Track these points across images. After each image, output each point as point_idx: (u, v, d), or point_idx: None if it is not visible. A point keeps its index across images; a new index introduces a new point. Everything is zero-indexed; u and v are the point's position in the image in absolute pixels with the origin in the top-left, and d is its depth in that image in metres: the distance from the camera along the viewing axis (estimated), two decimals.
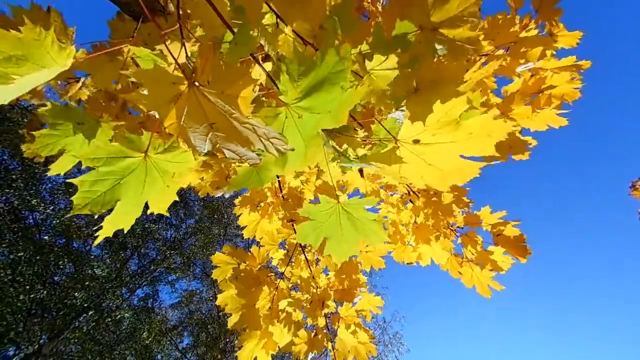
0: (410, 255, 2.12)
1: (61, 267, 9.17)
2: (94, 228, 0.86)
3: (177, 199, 0.83)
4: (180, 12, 0.97)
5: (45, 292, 8.63)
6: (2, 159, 8.27)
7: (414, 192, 2.23)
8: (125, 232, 0.82)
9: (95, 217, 0.79)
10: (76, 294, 9.28)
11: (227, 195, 2.15)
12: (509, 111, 1.70)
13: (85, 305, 9.47)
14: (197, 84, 0.65)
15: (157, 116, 0.64)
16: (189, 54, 1.00)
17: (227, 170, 2.06)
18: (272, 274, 2.05)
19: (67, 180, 0.81)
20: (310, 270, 2.15)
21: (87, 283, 9.64)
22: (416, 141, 0.87)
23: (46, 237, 9.08)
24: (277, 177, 2.15)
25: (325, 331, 1.98)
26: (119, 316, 10.24)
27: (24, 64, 0.64)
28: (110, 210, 0.79)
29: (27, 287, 8.25)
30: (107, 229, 0.79)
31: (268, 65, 1.27)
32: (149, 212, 0.83)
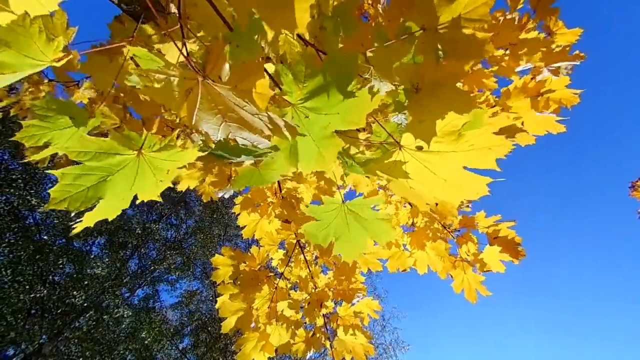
0: (406, 261, 2.11)
1: (61, 266, 9.17)
2: (71, 223, 0.81)
3: (171, 185, 0.80)
4: (181, 12, 0.97)
5: (45, 292, 8.64)
6: (2, 159, 8.27)
7: None
8: (124, 230, 0.80)
9: (72, 214, 0.75)
10: (75, 292, 9.27)
11: (227, 196, 2.16)
12: (508, 107, 1.71)
13: (85, 305, 9.47)
14: (207, 79, 0.66)
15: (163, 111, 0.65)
16: (190, 53, 1.00)
17: (228, 170, 2.07)
18: (272, 274, 2.05)
19: (47, 171, 0.76)
20: (309, 270, 2.16)
21: (87, 283, 9.64)
22: (419, 148, 0.86)
23: (46, 237, 9.09)
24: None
25: (323, 330, 1.98)
26: (118, 315, 10.24)
27: (4, 49, 0.61)
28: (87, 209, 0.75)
29: (27, 287, 8.25)
30: (88, 220, 0.75)
31: (268, 66, 1.27)
32: (137, 201, 0.80)
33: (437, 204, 2.02)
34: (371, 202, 1.06)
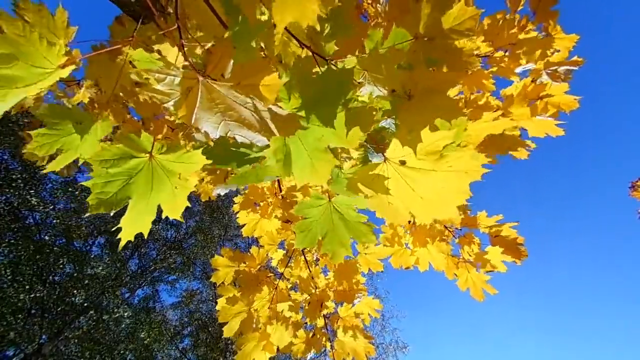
0: (408, 259, 2.11)
1: (61, 266, 9.17)
2: (113, 229, 0.90)
3: (188, 204, 0.85)
4: (179, 13, 0.97)
5: (45, 291, 8.64)
6: (2, 159, 8.28)
7: None
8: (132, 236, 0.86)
9: (111, 214, 0.83)
10: (75, 292, 9.27)
11: (223, 193, 2.15)
12: (508, 113, 1.71)
13: (85, 305, 9.48)
14: (207, 78, 0.68)
15: (167, 106, 0.66)
16: (189, 52, 1.00)
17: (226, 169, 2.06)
18: (272, 274, 2.05)
19: (82, 183, 0.84)
20: (310, 271, 2.16)
21: (87, 283, 9.64)
22: (403, 162, 0.90)
23: (46, 237, 9.09)
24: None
25: (323, 331, 1.98)
26: (118, 315, 10.24)
27: (13, 62, 0.61)
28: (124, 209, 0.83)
29: (27, 287, 8.25)
30: (127, 232, 0.82)
31: None
32: (163, 215, 0.86)
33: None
34: (357, 203, 1.08)
